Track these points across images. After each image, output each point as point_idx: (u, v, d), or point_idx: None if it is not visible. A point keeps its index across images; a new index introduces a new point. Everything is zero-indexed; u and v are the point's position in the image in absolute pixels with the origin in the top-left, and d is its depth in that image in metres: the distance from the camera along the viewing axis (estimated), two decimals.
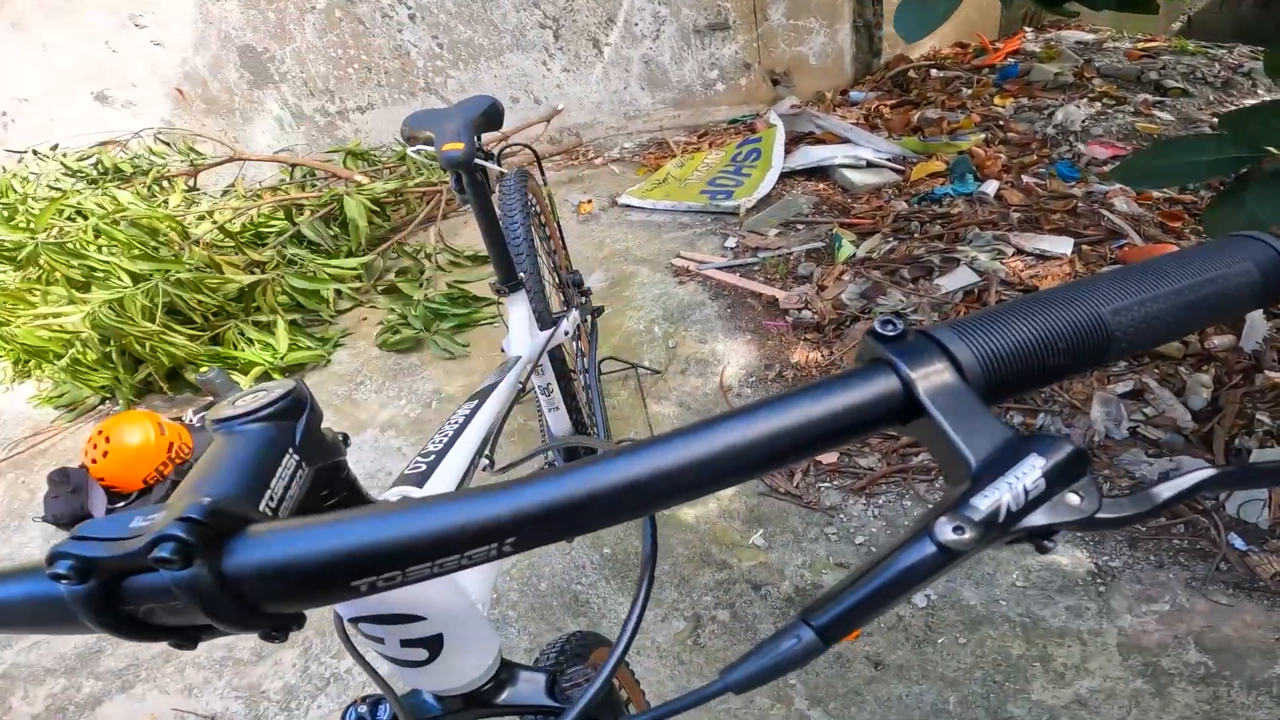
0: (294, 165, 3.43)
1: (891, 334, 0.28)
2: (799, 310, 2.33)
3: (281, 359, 2.39)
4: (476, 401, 0.79)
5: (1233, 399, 1.85)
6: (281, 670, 1.57)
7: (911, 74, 3.80)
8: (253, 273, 2.57)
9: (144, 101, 3.82)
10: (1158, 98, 3.41)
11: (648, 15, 3.49)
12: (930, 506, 0.27)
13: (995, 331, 0.29)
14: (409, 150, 1.26)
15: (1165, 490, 0.26)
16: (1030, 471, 0.24)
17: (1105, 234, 2.47)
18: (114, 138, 3.47)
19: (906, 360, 0.28)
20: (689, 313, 2.42)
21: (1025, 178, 2.86)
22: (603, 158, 3.69)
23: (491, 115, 1.16)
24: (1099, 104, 3.39)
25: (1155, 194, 2.66)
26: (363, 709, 0.56)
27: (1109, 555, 1.57)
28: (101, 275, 2.35)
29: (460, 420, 0.74)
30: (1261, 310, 1.99)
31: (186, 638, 0.29)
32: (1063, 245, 2.40)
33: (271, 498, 0.32)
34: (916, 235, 2.59)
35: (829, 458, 1.87)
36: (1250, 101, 3.34)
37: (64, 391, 2.46)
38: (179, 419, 2.25)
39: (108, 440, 2.00)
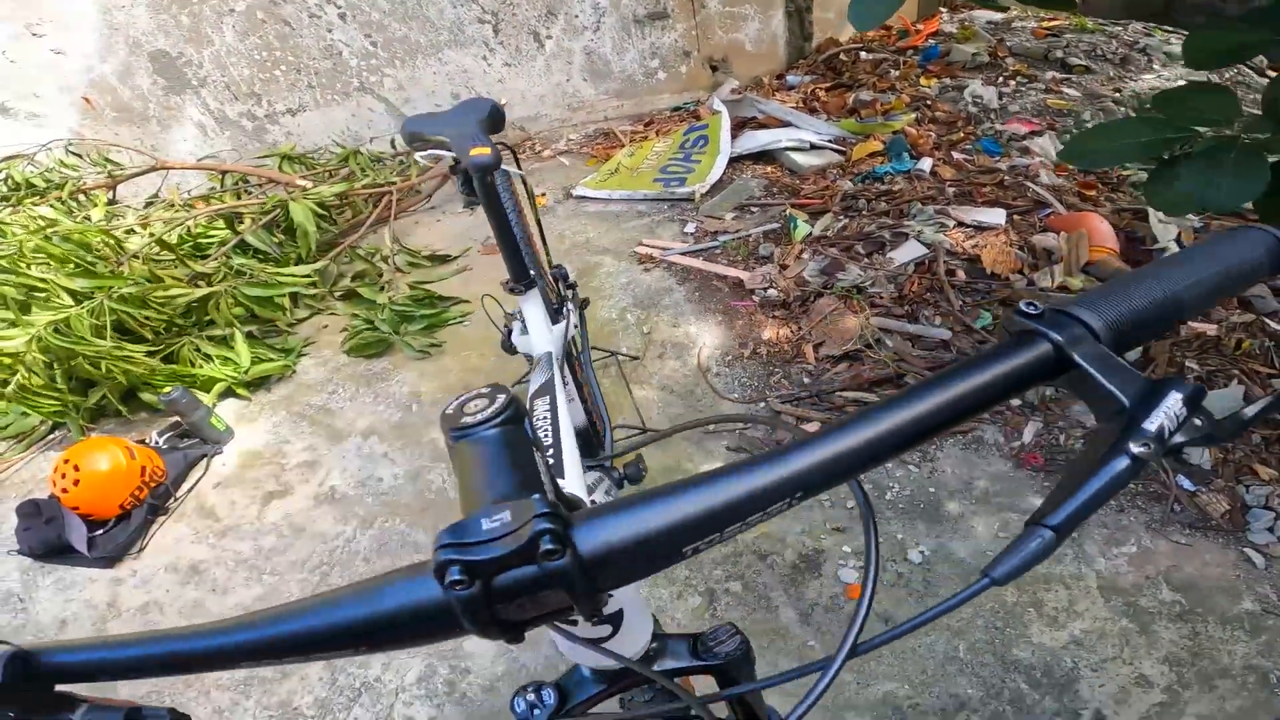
0: (224, 172, 3.29)
1: (1034, 312, 0.35)
2: (764, 289, 2.41)
3: (245, 373, 2.31)
4: (547, 406, 0.80)
5: (1162, 348, 2.01)
6: (309, 685, 1.55)
7: (842, 57, 3.93)
8: (197, 285, 2.46)
9: (49, 113, 3.58)
10: (1064, 75, 3.64)
11: (588, 7, 3.49)
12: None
13: (1112, 302, 0.36)
14: (417, 156, 1.24)
15: (1248, 411, 0.32)
16: (1175, 403, 0.31)
17: (1032, 204, 2.64)
18: (19, 151, 3.25)
19: (1054, 329, 0.34)
20: (658, 298, 2.46)
21: (955, 154, 3.02)
22: (550, 150, 3.68)
23: (495, 118, 1.17)
24: (1013, 82, 3.60)
25: (1070, 166, 2.86)
26: (530, 696, 0.58)
27: None
28: (41, 295, 2.23)
29: (547, 426, 0.76)
30: None
31: (521, 631, 0.32)
32: (997, 216, 2.55)
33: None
34: (865, 212, 2.71)
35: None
36: (1148, 77, 3.60)
37: (8, 422, 2.31)
38: (142, 442, 2.15)
39: (76, 469, 1.91)
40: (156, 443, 2.19)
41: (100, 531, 1.96)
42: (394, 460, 2.06)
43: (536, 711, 0.58)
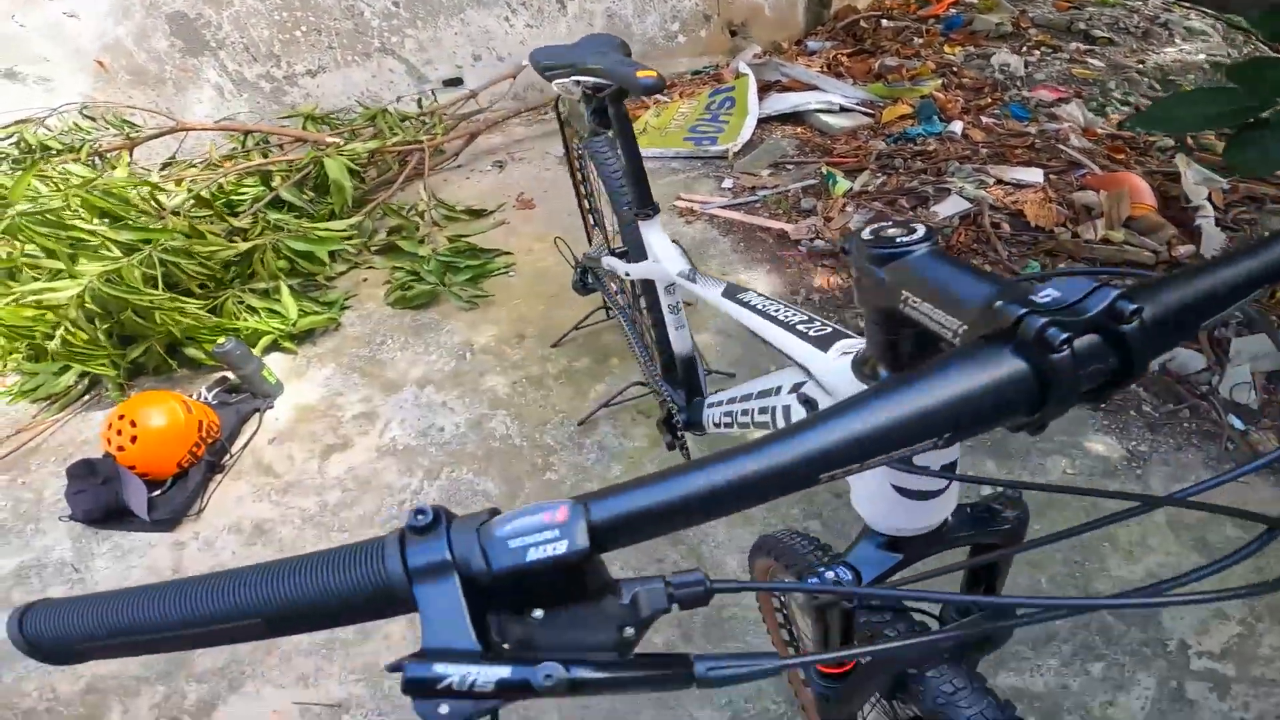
0: (247, 132, 3.22)
1: None
2: (810, 240, 2.43)
3: (293, 325, 2.28)
4: (757, 309, 0.80)
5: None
6: (392, 644, 1.53)
7: (862, 24, 3.92)
8: (232, 241, 2.42)
9: (60, 76, 3.48)
10: (1088, 46, 3.67)
11: None
12: None
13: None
14: (564, 82, 1.25)
15: None
16: None
17: (1066, 165, 2.67)
18: (30, 115, 3.16)
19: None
20: (704, 248, 2.47)
21: (984, 118, 3.05)
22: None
23: (626, 50, 1.21)
24: (1038, 52, 3.62)
25: (1099, 131, 2.90)
26: (828, 574, 0.57)
27: (1135, 440, 1.71)
28: (88, 248, 2.17)
29: (762, 323, 0.76)
30: (1215, 221, 2.22)
31: (1097, 400, 0.32)
32: (1034, 175, 2.58)
33: None
34: (902, 170, 2.73)
35: None
36: (1170, 50, 3.65)
37: (39, 383, 2.26)
38: (195, 397, 2.12)
39: (132, 424, 1.85)
40: (206, 398, 2.16)
41: (157, 492, 1.91)
42: (453, 409, 2.04)
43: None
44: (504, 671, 0.29)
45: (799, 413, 0.71)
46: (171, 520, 1.85)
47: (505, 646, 0.32)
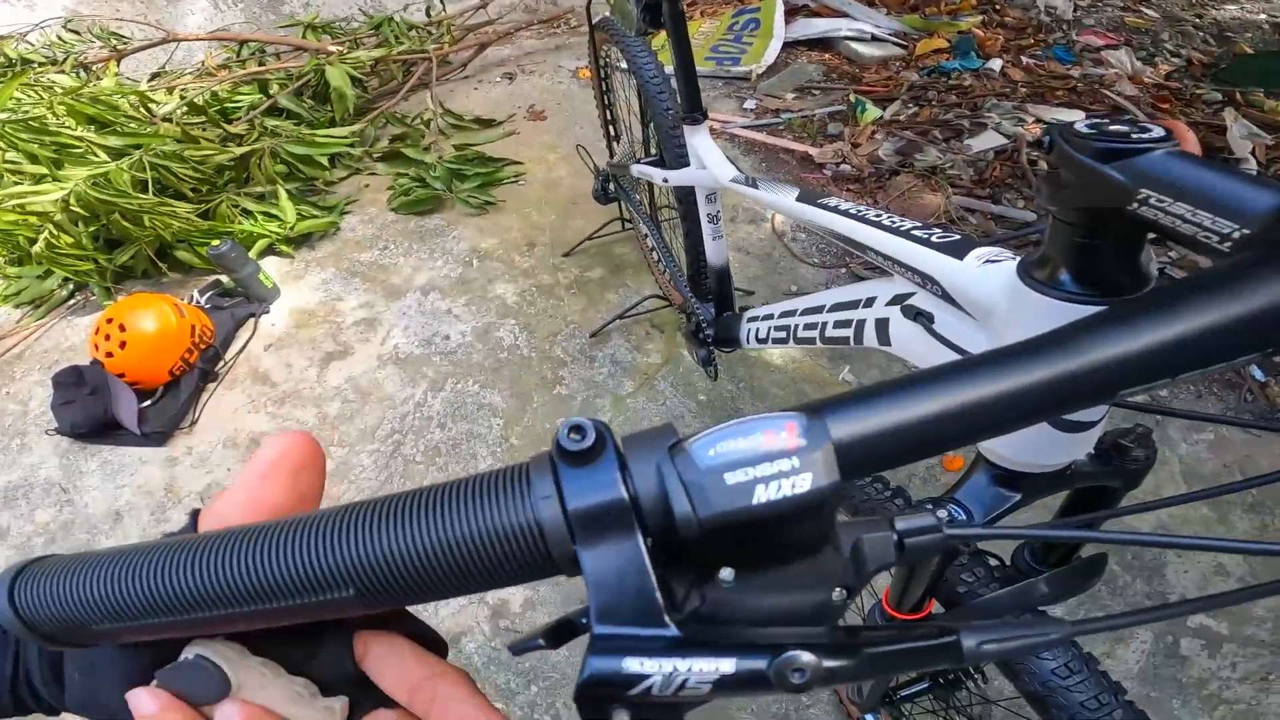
0: (243, 42, 3.05)
1: None
2: (836, 164, 2.33)
3: (291, 229, 2.17)
4: (850, 214, 0.73)
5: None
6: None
7: None
8: (227, 147, 2.29)
9: None
10: None
11: None
12: None
13: None
14: None
15: None
16: None
17: (1109, 109, 2.58)
18: (10, 31, 2.97)
19: None
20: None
21: (1024, 58, 2.95)
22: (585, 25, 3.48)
23: None
24: None
25: (1146, 80, 2.81)
26: (941, 512, 0.50)
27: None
28: (77, 153, 2.07)
29: (860, 228, 0.70)
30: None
31: None
32: (1075, 116, 2.48)
33: None
34: (935, 103, 2.64)
35: None
36: (1231, 7, 3.54)
37: (23, 287, 2.14)
38: (186, 301, 2.01)
39: (121, 329, 1.72)
40: (199, 301, 2.04)
41: (149, 403, 1.80)
42: (459, 317, 1.94)
43: (952, 529, 0.51)
44: (725, 665, 0.21)
45: (903, 326, 0.64)
46: (163, 433, 1.75)
47: (691, 624, 0.23)
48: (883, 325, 0.68)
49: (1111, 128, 0.38)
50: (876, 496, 0.74)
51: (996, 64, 2.82)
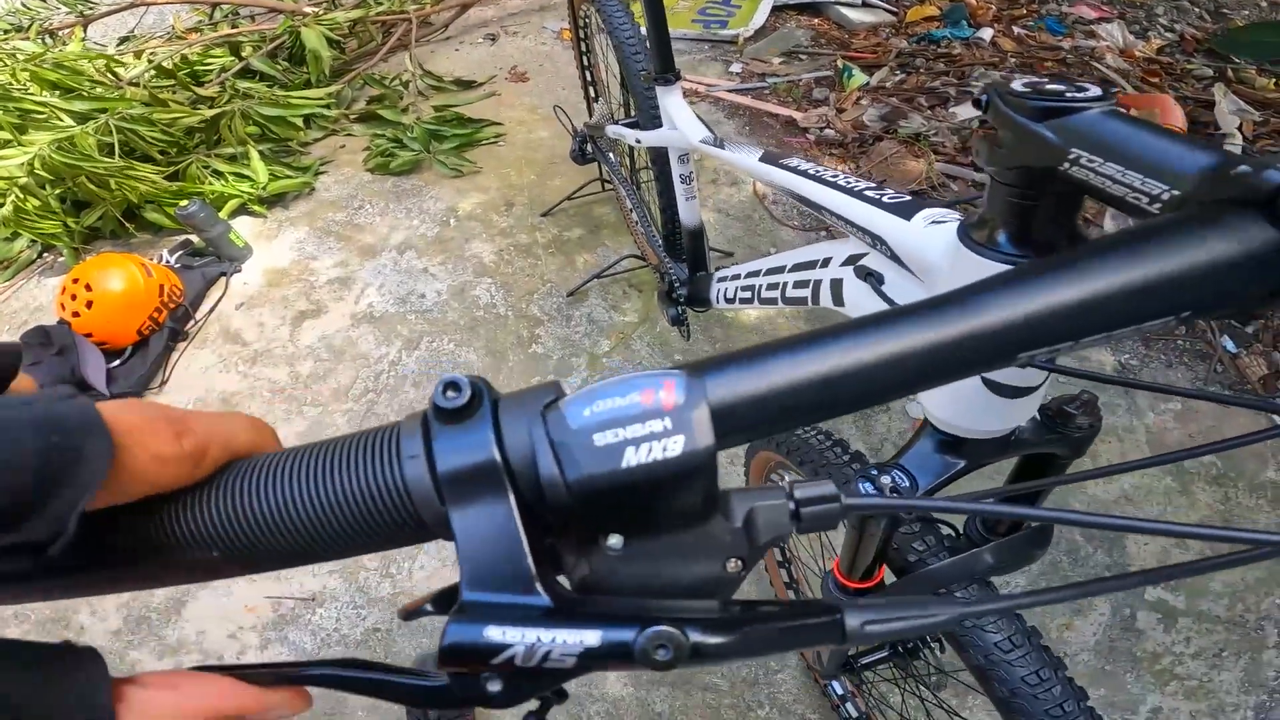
0: (215, 4, 2.97)
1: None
2: (820, 129, 2.31)
3: (264, 189, 2.13)
4: (808, 174, 0.73)
5: None
6: None
7: None
8: (197, 109, 2.25)
9: None
10: None
11: None
12: None
13: None
14: None
15: None
16: None
17: (1097, 82, 2.57)
18: None
19: None
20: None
21: (1016, 28, 2.92)
22: None
23: None
24: None
25: (1137, 54, 2.79)
26: (884, 479, 0.52)
27: (1128, 354, 1.68)
28: (40, 119, 2.04)
29: (815, 188, 0.69)
30: (1241, 150, 2.16)
31: None
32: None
33: None
34: (922, 70, 2.61)
35: None
36: None
37: None
38: (155, 261, 1.98)
39: (88, 289, 1.70)
40: (168, 261, 2.01)
41: (117, 363, 1.78)
42: (435, 275, 1.92)
43: (895, 495, 0.51)
44: (590, 637, 0.21)
45: (855, 287, 0.64)
46: (132, 393, 1.73)
47: (567, 589, 0.22)
48: (837, 286, 0.67)
49: (1048, 86, 0.37)
50: (816, 444, 0.74)
51: (987, 33, 2.79)
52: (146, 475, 0.21)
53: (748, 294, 0.98)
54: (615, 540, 0.21)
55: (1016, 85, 0.38)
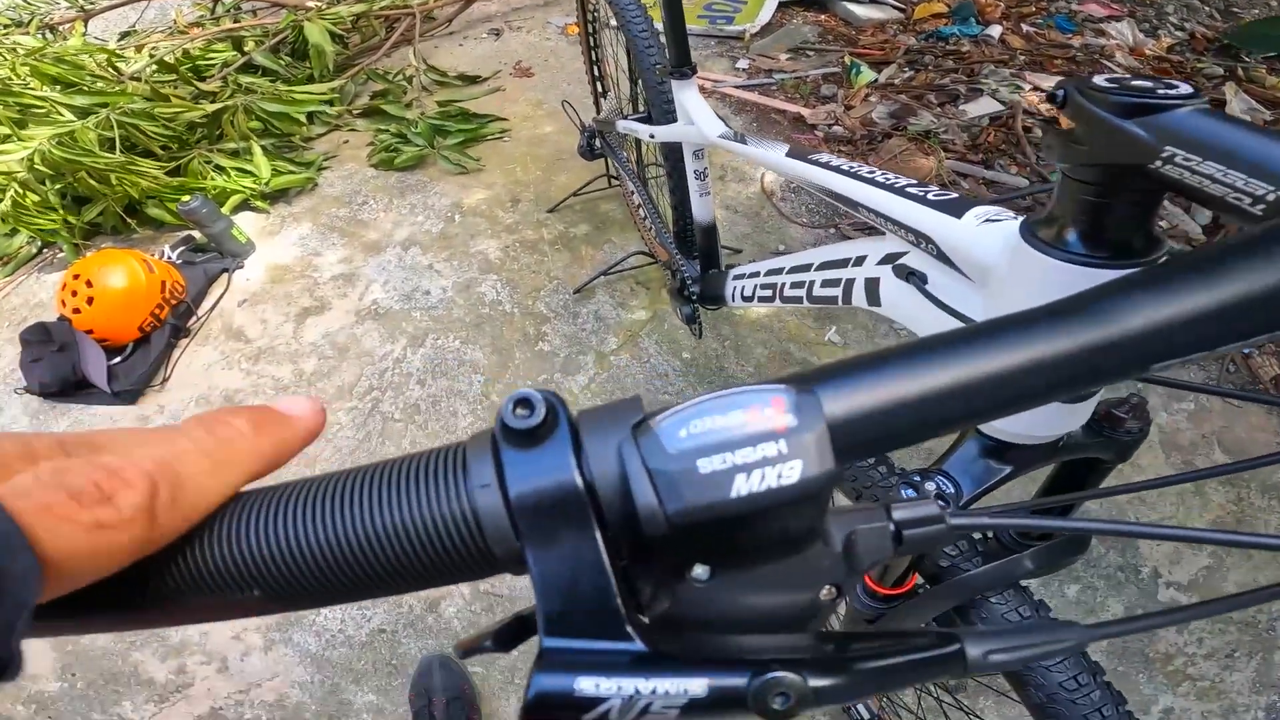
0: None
1: None
2: (828, 126, 2.29)
3: (265, 184, 2.11)
4: (843, 170, 0.71)
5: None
6: None
7: None
8: (199, 104, 2.23)
9: None
10: None
11: None
12: None
13: None
14: None
15: None
16: None
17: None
18: None
19: None
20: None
21: (1025, 26, 2.90)
22: None
23: None
24: None
25: (1147, 52, 2.78)
26: (929, 485, 0.50)
27: None
28: (40, 113, 2.03)
29: (853, 185, 0.67)
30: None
31: None
32: None
33: None
34: (931, 68, 2.59)
35: None
36: None
37: None
38: (157, 256, 1.96)
39: (89, 285, 1.68)
40: (170, 257, 1.99)
41: (118, 360, 1.76)
42: (440, 272, 1.90)
43: (941, 503, 0.49)
44: (696, 686, 0.18)
45: (894, 286, 0.61)
46: (134, 391, 1.71)
47: (650, 625, 0.20)
48: (873, 285, 0.65)
49: (1134, 83, 0.36)
50: (881, 481, 0.71)
51: (996, 30, 2.77)
52: (96, 554, 0.17)
53: (768, 292, 0.96)
54: (702, 570, 0.19)
55: (1099, 80, 0.36)
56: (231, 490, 0.20)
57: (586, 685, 0.18)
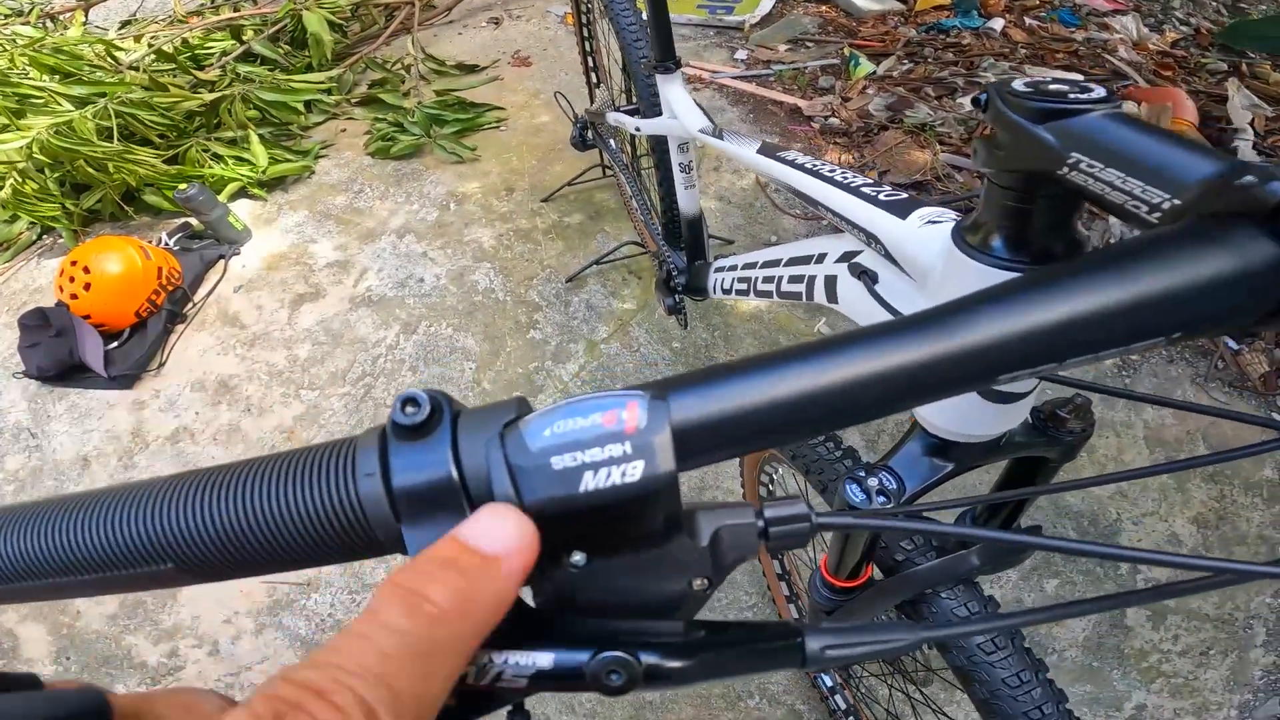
0: None
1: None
2: (824, 118, 2.29)
3: (262, 172, 2.12)
4: (805, 168, 0.71)
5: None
6: None
7: None
8: (197, 93, 2.24)
9: None
10: None
11: None
12: None
13: None
14: None
15: None
16: None
17: (1109, 75, 2.53)
18: None
19: None
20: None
21: (1028, 19, 2.88)
22: None
23: None
24: None
25: (1151, 46, 2.76)
26: (871, 481, 0.51)
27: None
28: (39, 103, 2.04)
29: (812, 183, 0.68)
30: (1253, 145, 2.13)
31: None
32: (1074, 80, 2.44)
33: None
34: (931, 60, 2.58)
35: None
36: None
37: None
38: (154, 243, 1.97)
39: (86, 271, 1.71)
40: (167, 243, 2.01)
41: (115, 345, 1.78)
42: (434, 260, 1.91)
43: (881, 499, 0.51)
44: (543, 659, 0.21)
45: (849, 285, 0.62)
46: (131, 375, 1.74)
47: (530, 606, 0.22)
48: (831, 282, 0.66)
49: (1050, 86, 0.36)
50: (811, 442, 0.73)
51: (998, 23, 2.75)
52: None
53: (744, 285, 0.97)
54: (578, 557, 0.21)
55: (1018, 84, 0.36)
56: (448, 689, 0.18)
57: None
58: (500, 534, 0.19)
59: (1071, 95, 0.34)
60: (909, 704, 1.01)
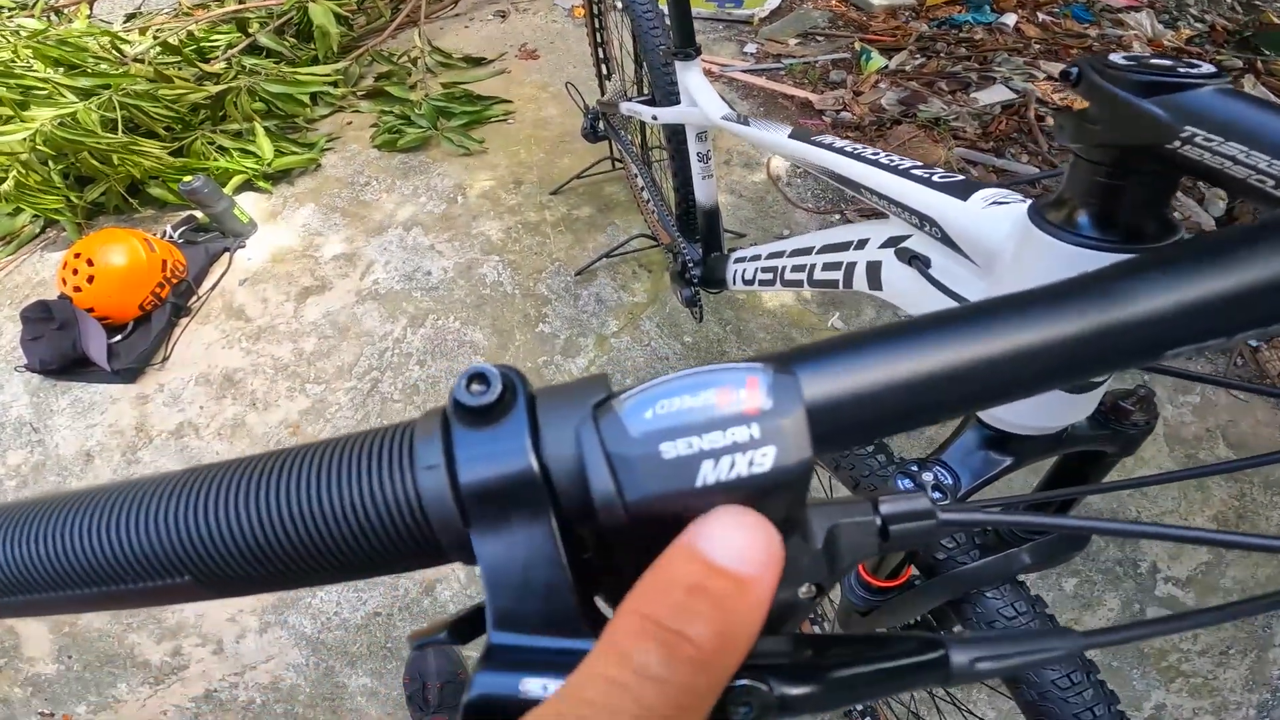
0: None
1: None
2: (836, 112, 2.27)
3: (268, 165, 2.10)
4: (846, 152, 0.69)
5: (1245, 209, 1.95)
6: None
7: None
8: (202, 86, 2.22)
9: None
10: None
11: None
12: None
13: None
14: None
15: None
16: None
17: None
18: None
19: None
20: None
21: (1041, 15, 2.85)
22: None
23: None
24: None
25: (1166, 43, 2.74)
26: (925, 475, 0.49)
27: None
28: (43, 95, 2.02)
29: (856, 166, 0.66)
30: None
31: None
32: None
33: None
34: (943, 55, 2.56)
35: None
36: None
37: None
38: (158, 236, 1.95)
39: (89, 263, 1.68)
40: (171, 236, 1.98)
41: (118, 338, 1.76)
42: (442, 253, 1.89)
43: (937, 494, 0.48)
44: None
45: (896, 270, 0.59)
46: (134, 369, 1.71)
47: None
48: (874, 269, 0.64)
49: (1154, 61, 0.34)
50: (859, 451, 0.69)
51: (1011, 19, 2.74)
52: None
53: (769, 275, 0.94)
54: None
55: (1116, 58, 0.35)
56: None
57: (532, 686, 0.16)
58: (750, 548, 0.15)
59: (1180, 70, 0.33)
60: (932, 703, 0.99)
